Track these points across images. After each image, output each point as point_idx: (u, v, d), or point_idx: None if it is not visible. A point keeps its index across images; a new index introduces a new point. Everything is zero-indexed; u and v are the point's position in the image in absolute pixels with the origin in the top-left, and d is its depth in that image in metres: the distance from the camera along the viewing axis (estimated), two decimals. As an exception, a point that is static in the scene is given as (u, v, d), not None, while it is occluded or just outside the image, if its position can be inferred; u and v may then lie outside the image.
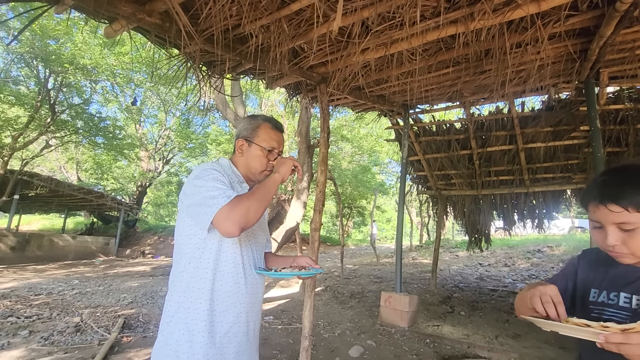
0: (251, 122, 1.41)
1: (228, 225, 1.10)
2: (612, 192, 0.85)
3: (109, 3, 2.15)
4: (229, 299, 1.23)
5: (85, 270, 11.03)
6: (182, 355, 1.15)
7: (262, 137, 1.38)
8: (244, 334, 1.28)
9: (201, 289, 1.20)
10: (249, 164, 1.38)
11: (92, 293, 6.84)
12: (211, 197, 1.13)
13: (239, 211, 1.11)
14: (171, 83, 3.20)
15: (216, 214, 1.10)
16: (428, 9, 2.50)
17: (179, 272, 1.23)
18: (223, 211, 1.10)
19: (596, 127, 3.63)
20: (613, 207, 0.84)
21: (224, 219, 1.10)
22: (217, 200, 1.12)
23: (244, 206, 1.12)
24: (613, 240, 0.86)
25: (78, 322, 4.57)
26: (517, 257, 11.52)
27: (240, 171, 1.39)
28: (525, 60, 3.21)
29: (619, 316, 0.92)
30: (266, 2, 2.38)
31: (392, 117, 5.50)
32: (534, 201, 6.57)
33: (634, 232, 0.84)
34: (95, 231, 19.37)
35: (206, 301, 1.19)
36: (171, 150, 22.98)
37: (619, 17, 2.41)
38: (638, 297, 0.90)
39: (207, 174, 1.21)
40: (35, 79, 13.43)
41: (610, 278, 0.98)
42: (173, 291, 1.24)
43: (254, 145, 1.37)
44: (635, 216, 0.83)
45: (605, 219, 0.87)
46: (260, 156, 1.37)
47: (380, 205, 29.77)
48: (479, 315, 5.38)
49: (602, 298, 0.97)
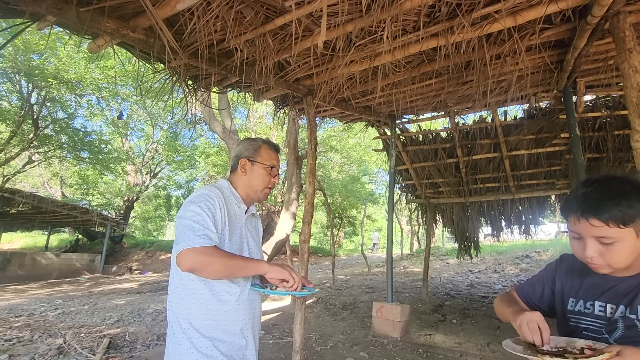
0: (252, 144, 1.50)
1: (187, 264, 1.14)
2: (593, 206, 0.86)
3: (91, 20, 2.15)
4: (230, 317, 1.28)
5: (70, 288, 10.69)
6: None
7: (263, 156, 1.47)
8: (244, 348, 1.32)
9: (201, 307, 1.25)
10: (251, 182, 1.45)
11: (76, 312, 6.62)
12: (198, 229, 1.18)
13: (203, 261, 1.14)
14: (157, 96, 3.19)
15: (193, 247, 1.14)
16: (409, 23, 2.57)
17: (177, 290, 1.28)
18: (196, 251, 1.14)
19: (575, 134, 3.74)
20: (594, 221, 0.85)
21: (187, 257, 1.14)
22: (200, 238, 1.16)
23: (211, 261, 1.15)
24: (592, 252, 0.88)
25: (61, 344, 4.40)
26: (506, 263, 11.64)
27: (239, 191, 1.45)
28: (505, 70, 3.31)
29: (595, 325, 0.94)
30: (250, 18, 2.41)
31: (379, 127, 5.57)
32: (520, 207, 6.69)
33: (612, 245, 0.86)
34: (80, 248, 18.85)
35: (207, 319, 1.24)
36: (159, 163, 22.71)
37: (590, 29, 2.51)
38: (612, 305, 0.92)
39: (200, 201, 1.25)
40: (18, 93, 13.20)
41: (586, 287, 0.99)
42: (174, 309, 1.28)
43: (257, 164, 1.46)
44: (614, 231, 0.84)
45: (585, 232, 0.88)
46: (263, 174, 1.46)
47: (371, 214, 29.83)
48: (471, 322, 5.39)
49: (578, 307, 0.99)
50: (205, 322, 1.24)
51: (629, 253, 0.87)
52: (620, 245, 0.85)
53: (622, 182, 0.88)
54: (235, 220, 1.38)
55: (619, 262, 0.88)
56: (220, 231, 1.29)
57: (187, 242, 1.15)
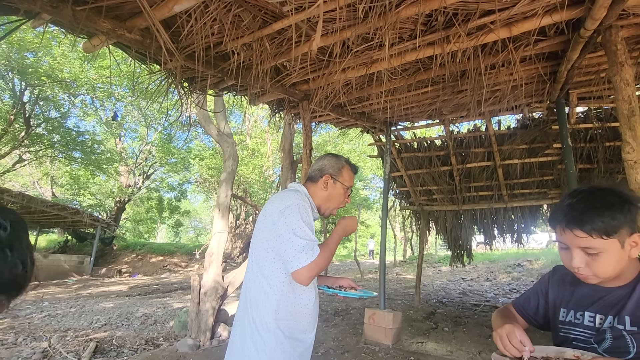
0: (337, 162, 1.57)
1: (306, 280, 1.29)
2: (576, 217, 0.88)
3: (87, 19, 2.13)
4: (306, 318, 1.39)
5: (57, 290, 10.48)
6: None
7: (345, 177, 1.56)
8: (310, 346, 1.44)
9: (286, 308, 1.34)
10: (329, 198, 1.54)
11: (62, 315, 6.48)
12: (301, 248, 1.28)
13: (316, 269, 1.29)
14: (152, 98, 3.16)
15: (301, 268, 1.26)
16: (406, 31, 2.59)
17: (265, 293, 1.34)
18: (307, 269, 1.26)
19: (568, 145, 3.79)
20: (578, 232, 0.87)
21: (306, 274, 1.27)
22: (305, 255, 1.27)
23: (320, 264, 1.29)
24: (578, 262, 0.89)
25: (46, 348, 4.30)
26: (498, 272, 11.70)
27: (315, 201, 1.53)
28: (500, 80, 3.36)
29: (584, 335, 0.94)
30: (248, 21, 2.41)
31: (374, 133, 5.60)
32: (513, 216, 6.74)
33: (597, 256, 0.87)
34: (69, 249, 18.52)
35: (289, 319, 1.35)
36: (152, 165, 22.50)
37: (583, 42, 2.56)
38: (601, 316, 0.92)
39: (296, 212, 1.33)
40: (10, 91, 13.03)
41: (576, 298, 1.00)
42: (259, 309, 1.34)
43: (339, 184, 1.54)
44: (598, 242, 0.85)
45: (570, 242, 0.90)
46: (341, 194, 1.55)
47: (365, 220, 29.84)
48: (463, 330, 5.38)
49: (569, 317, 0.99)
50: (289, 322, 1.34)
51: (615, 263, 0.88)
52: (605, 256, 0.86)
53: (606, 194, 0.89)
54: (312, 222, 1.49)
55: (604, 273, 0.89)
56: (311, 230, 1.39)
57: (299, 262, 1.26)
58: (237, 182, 16.93)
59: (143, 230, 30.69)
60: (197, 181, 22.73)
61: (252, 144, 18.16)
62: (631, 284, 0.91)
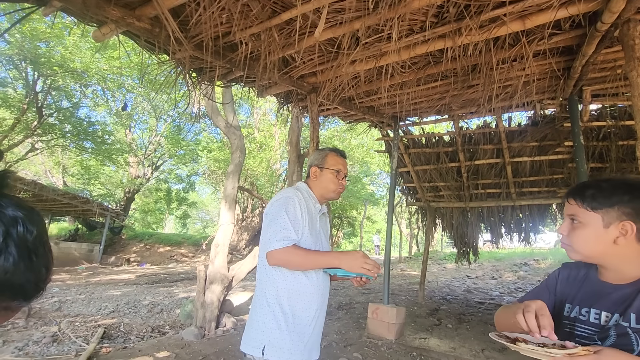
0: (320, 153, 1.73)
1: (273, 262, 1.45)
2: (577, 189, 0.94)
3: (97, 6, 2.14)
4: (306, 297, 1.49)
5: (67, 277, 10.71)
6: (272, 339, 1.43)
7: (330, 162, 1.69)
8: (314, 326, 1.53)
9: (286, 286, 1.47)
10: (323, 184, 1.68)
11: (72, 301, 6.62)
12: (278, 231, 1.44)
13: (285, 260, 1.44)
14: (161, 88, 3.17)
15: (275, 249, 1.42)
16: (417, 23, 2.54)
17: (266, 272, 1.52)
18: (280, 251, 1.42)
19: (580, 143, 3.72)
20: (570, 200, 0.94)
21: (274, 257, 1.43)
22: (280, 240, 1.42)
23: (291, 259, 1.44)
24: (562, 229, 0.95)
25: (55, 332, 4.41)
26: (504, 270, 11.61)
27: (315, 193, 1.68)
28: (512, 76, 3.29)
29: (587, 332, 0.93)
30: (257, 11, 2.39)
31: (382, 128, 5.55)
32: (521, 214, 6.66)
33: (578, 227, 0.91)
34: (80, 237, 18.87)
35: (290, 296, 1.47)
36: (161, 156, 22.70)
37: (600, 37, 2.49)
38: (607, 313, 0.90)
39: (281, 204, 1.50)
40: (23, 81, 13.22)
41: (582, 294, 0.98)
42: (262, 285, 1.52)
43: (325, 170, 1.68)
44: (582, 211, 0.90)
45: (565, 212, 0.96)
46: (332, 179, 1.67)
47: (371, 216, 29.77)
48: (466, 328, 5.37)
49: (574, 313, 0.98)
50: (289, 299, 1.46)
51: (592, 240, 0.89)
52: (584, 229, 0.90)
53: (621, 180, 0.91)
54: (312, 214, 1.61)
55: (579, 246, 0.92)
56: (302, 226, 1.51)
57: (271, 245, 1.43)
58: (244, 175, 17.01)
59: (151, 220, 31.09)
60: (204, 173, 22.87)
61: (260, 137, 18.19)
62: (638, 282, 0.89)
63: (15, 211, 0.42)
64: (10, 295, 0.43)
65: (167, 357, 3.79)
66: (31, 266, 0.43)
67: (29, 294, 0.44)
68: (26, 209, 0.44)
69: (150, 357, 3.76)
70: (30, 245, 0.43)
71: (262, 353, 1.42)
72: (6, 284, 0.41)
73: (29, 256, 0.42)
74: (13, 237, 0.41)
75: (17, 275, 0.42)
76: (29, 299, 0.45)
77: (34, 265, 0.43)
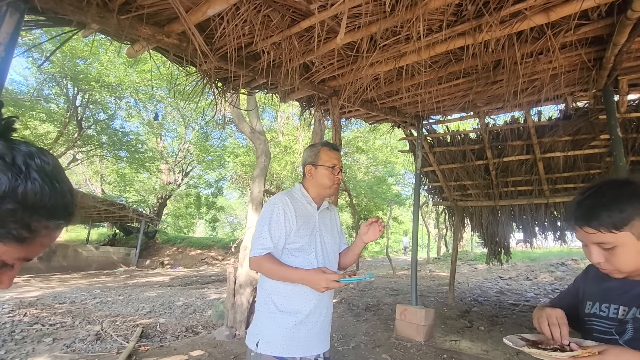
0: (312, 150, 1.71)
1: (251, 267, 1.57)
2: (585, 214, 0.88)
3: (130, 26, 2.30)
4: (302, 295, 1.54)
5: (107, 280, 11.34)
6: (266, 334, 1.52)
7: (323, 158, 1.67)
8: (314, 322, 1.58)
9: (280, 286, 1.55)
10: (319, 182, 1.66)
11: (112, 302, 7.02)
12: (257, 240, 1.54)
13: (258, 267, 1.53)
14: (190, 98, 3.34)
15: (252, 257, 1.54)
16: (435, 22, 2.54)
17: None
18: (256, 259, 1.52)
19: (617, 135, 3.53)
20: (587, 229, 0.88)
21: (252, 262, 1.55)
22: (257, 249, 1.53)
23: (262, 269, 1.53)
24: (596, 258, 0.90)
25: (98, 331, 4.70)
26: (539, 271, 11.10)
27: (310, 192, 1.68)
28: (538, 69, 3.19)
29: (606, 326, 0.93)
30: (277, 21, 2.48)
31: (405, 128, 5.51)
32: (555, 212, 6.37)
33: (614, 250, 0.86)
34: (117, 242, 19.90)
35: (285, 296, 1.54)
36: (190, 163, 23.56)
37: (631, 25, 2.38)
38: (625, 307, 0.91)
39: (265, 212, 1.58)
40: (65, 96, 14.18)
41: (603, 290, 0.99)
42: (263, 286, 1.61)
43: (319, 167, 1.66)
44: (609, 236, 0.85)
45: (585, 239, 0.91)
46: (327, 175, 1.65)
47: (397, 216, 29.37)
48: (499, 330, 5.20)
49: (594, 309, 0.99)
50: (280, 297, 1.54)
51: (634, 256, 0.86)
52: (622, 249, 0.85)
53: (615, 187, 0.88)
54: (307, 216, 1.63)
55: (625, 266, 0.87)
56: (288, 230, 1.55)
57: (251, 251, 1.54)
58: (270, 178, 17.31)
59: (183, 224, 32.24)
60: (232, 178, 23.49)
61: (285, 141, 18.45)
62: None
63: (28, 147, 0.48)
64: (45, 215, 0.49)
65: (200, 355, 3.95)
66: (56, 189, 0.49)
67: (60, 214, 0.50)
68: (37, 147, 0.50)
69: (185, 355, 3.93)
70: (50, 173, 0.48)
71: (257, 346, 1.50)
72: (39, 205, 0.47)
73: (51, 182, 0.48)
74: (33, 167, 0.47)
75: (45, 196, 0.47)
76: (61, 218, 0.51)
77: (57, 189, 0.49)
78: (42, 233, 0.50)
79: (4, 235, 0.47)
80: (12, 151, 0.46)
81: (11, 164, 0.45)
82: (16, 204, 0.45)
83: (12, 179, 0.45)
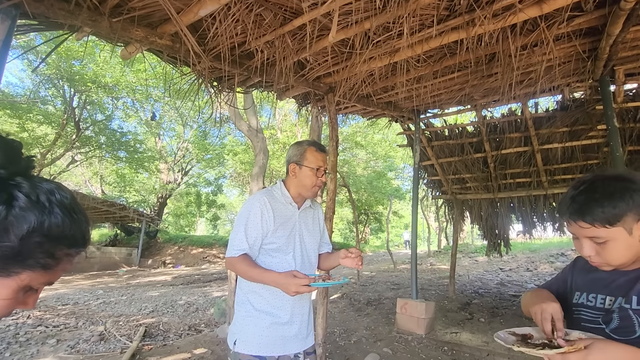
0: (299, 148, 1.67)
1: (227, 267, 1.67)
2: (578, 209, 0.89)
3: (122, 29, 2.29)
4: (279, 295, 1.52)
5: (110, 280, 11.39)
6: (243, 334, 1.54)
7: (309, 159, 1.63)
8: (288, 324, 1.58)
9: (257, 286, 1.56)
10: (301, 182, 1.64)
11: (115, 302, 7.07)
12: (233, 241, 1.55)
13: (233, 268, 1.55)
14: (186, 97, 3.35)
15: (227, 257, 1.57)
16: (428, 17, 2.53)
17: None
18: (231, 259, 1.54)
19: (613, 125, 3.53)
20: (581, 223, 0.89)
21: (227, 263, 1.58)
22: (232, 250, 1.54)
23: (236, 269, 1.54)
24: (587, 251, 0.92)
25: (102, 331, 4.74)
26: (539, 262, 11.16)
27: (291, 192, 1.66)
28: (533, 61, 3.18)
29: (593, 316, 0.96)
30: (269, 20, 2.47)
31: (402, 122, 5.50)
32: (554, 203, 6.38)
33: (606, 244, 0.88)
34: (119, 242, 19.94)
35: (262, 295, 1.57)
36: (189, 161, 23.55)
37: (625, 15, 2.37)
38: (611, 297, 0.94)
39: (241, 212, 1.58)
40: (61, 98, 14.13)
41: (590, 280, 1.02)
42: (242, 286, 1.63)
43: (304, 168, 1.63)
44: (602, 231, 0.86)
45: (577, 233, 0.92)
46: (310, 175, 1.63)
47: (398, 210, 29.42)
48: (500, 321, 5.25)
49: (582, 299, 1.01)
50: (255, 296, 1.57)
51: (624, 250, 0.88)
52: (613, 244, 0.87)
53: (608, 182, 0.89)
54: (286, 217, 1.62)
55: (615, 260, 0.89)
56: (265, 231, 1.55)
57: (228, 252, 1.56)
58: (269, 176, 17.32)
59: (184, 223, 32.30)
60: (231, 176, 23.49)
61: (283, 138, 18.43)
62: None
63: (49, 184, 0.54)
64: (67, 244, 0.55)
65: (203, 353, 3.99)
66: (75, 220, 0.55)
67: (79, 243, 0.57)
68: (56, 183, 0.56)
69: (189, 353, 3.97)
70: (69, 206, 0.55)
71: (234, 344, 1.52)
72: (61, 236, 0.54)
73: (70, 214, 0.54)
74: (54, 202, 0.53)
75: (67, 228, 0.54)
76: (80, 246, 0.58)
77: (76, 220, 0.55)
78: (64, 260, 0.57)
79: (33, 264, 0.53)
80: (35, 190, 0.52)
81: (36, 201, 0.51)
82: (43, 237, 0.52)
83: (38, 216, 0.51)
